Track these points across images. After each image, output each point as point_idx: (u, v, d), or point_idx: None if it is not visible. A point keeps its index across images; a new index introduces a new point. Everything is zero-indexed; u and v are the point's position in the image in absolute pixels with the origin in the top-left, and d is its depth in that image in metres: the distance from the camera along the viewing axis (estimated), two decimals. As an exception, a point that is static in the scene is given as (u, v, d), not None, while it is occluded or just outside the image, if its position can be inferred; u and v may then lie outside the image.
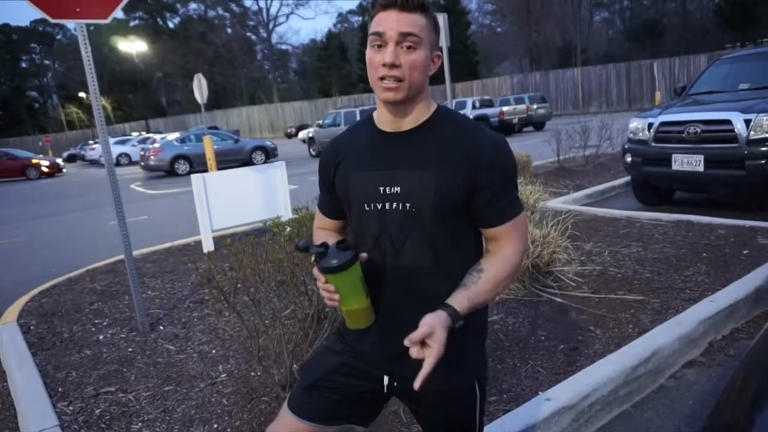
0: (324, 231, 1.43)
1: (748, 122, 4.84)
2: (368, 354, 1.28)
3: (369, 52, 1.16)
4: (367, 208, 1.22)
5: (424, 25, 1.14)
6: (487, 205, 1.17)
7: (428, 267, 1.20)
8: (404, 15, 1.12)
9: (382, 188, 1.20)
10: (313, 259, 1.14)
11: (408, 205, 1.18)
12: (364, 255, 1.18)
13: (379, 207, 1.20)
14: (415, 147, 1.20)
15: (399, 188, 1.18)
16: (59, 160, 25.94)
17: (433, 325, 1.04)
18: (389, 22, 1.12)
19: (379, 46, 1.14)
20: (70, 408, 2.60)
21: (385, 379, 1.28)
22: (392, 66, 1.12)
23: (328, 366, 1.32)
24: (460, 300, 1.12)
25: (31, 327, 3.78)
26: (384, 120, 1.24)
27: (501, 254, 1.19)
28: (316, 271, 1.15)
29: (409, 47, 1.12)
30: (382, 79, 1.14)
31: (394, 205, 1.19)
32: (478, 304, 1.15)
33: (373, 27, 1.15)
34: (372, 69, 1.16)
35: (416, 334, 1.03)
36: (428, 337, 1.03)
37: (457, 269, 1.21)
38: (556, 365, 2.57)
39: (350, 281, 1.13)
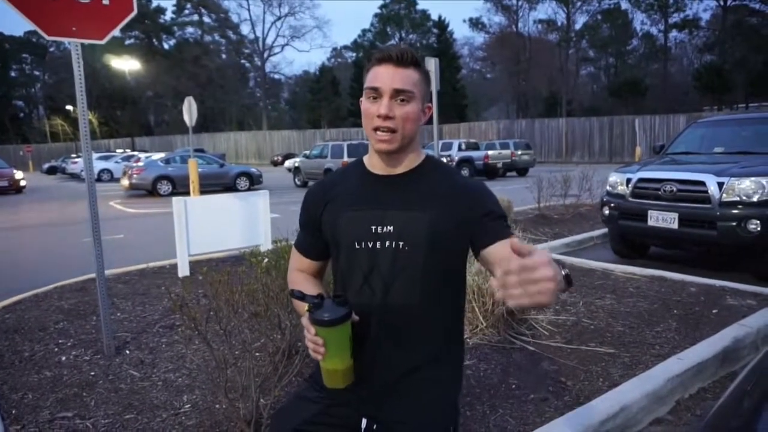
0: (301, 274, 1.41)
1: (721, 185, 5.01)
2: (346, 395, 1.26)
3: (364, 103, 1.21)
4: (357, 247, 1.24)
5: (417, 80, 1.20)
6: (486, 225, 1.19)
7: (415, 306, 1.21)
8: (399, 70, 1.18)
9: (374, 227, 1.22)
10: (306, 308, 1.14)
11: (401, 243, 1.21)
12: (356, 318, 1.18)
13: (371, 246, 1.22)
14: (407, 189, 1.24)
15: (392, 227, 1.21)
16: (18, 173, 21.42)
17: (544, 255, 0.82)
18: (385, 77, 1.17)
19: (375, 98, 1.19)
20: (23, 432, 2.50)
21: (363, 422, 1.26)
22: (386, 117, 1.17)
23: (302, 416, 1.30)
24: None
25: (-9, 343, 3.66)
26: (376, 165, 1.29)
27: None
28: (306, 321, 1.15)
29: (402, 100, 1.18)
30: (376, 130, 1.19)
31: (387, 244, 1.21)
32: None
33: (369, 81, 1.20)
34: (367, 119, 1.21)
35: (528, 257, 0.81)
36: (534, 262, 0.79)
37: (441, 311, 1.24)
38: (525, 415, 2.56)
39: (339, 337, 1.13)
